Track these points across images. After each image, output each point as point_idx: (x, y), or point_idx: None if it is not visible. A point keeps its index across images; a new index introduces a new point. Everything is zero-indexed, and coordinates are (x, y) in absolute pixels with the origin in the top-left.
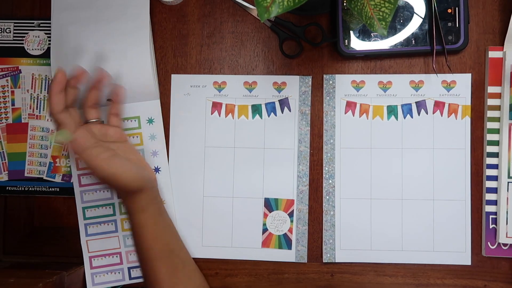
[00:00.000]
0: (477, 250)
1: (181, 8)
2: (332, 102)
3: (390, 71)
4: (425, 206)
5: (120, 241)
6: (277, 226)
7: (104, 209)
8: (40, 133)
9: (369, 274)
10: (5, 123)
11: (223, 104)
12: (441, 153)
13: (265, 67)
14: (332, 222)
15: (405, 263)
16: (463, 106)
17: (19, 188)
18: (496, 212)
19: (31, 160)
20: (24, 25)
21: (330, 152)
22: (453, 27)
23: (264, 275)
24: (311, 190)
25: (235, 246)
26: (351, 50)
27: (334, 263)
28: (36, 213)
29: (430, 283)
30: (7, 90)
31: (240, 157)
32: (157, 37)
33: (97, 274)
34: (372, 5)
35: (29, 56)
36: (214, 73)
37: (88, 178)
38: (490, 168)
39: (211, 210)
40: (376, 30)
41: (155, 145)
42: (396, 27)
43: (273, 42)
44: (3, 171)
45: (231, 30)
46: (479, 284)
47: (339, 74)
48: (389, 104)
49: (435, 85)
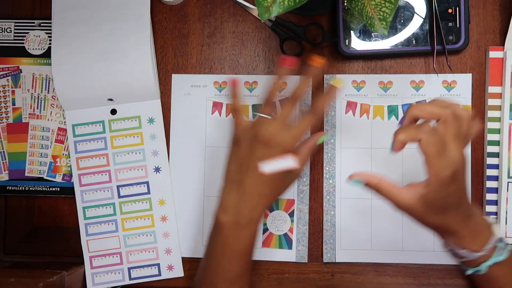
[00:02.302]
0: None
1: (181, 8)
2: (332, 102)
3: (391, 71)
4: None
5: (120, 241)
6: (277, 226)
7: (104, 209)
8: (41, 132)
9: (370, 274)
10: (5, 123)
11: (223, 104)
12: None
13: (265, 67)
14: (332, 222)
15: (405, 263)
16: (463, 106)
17: (20, 188)
18: (496, 212)
19: (31, 159)
20: (24, 25)
21: (330, 152)
22: (453, 27)
23: (265, 275)
24: (312, 190)
25: None
26: (352, 50)
27: (334, 263)
28: (36, 213)
29: (430, 283)
30: (8, 89)
31: None
32: (157, 37)
33: (97, 274)
34: (372, 5)
35: (29, 55)
36: (214, 73)
37: (88, 178)
38: (490, 168)
39: (211, 210)
40: (376, 30)
41: (156, 145)
42: (397, 27)
43: (273, 42)
44: (4, 171)
45: (232, 30)
46: None
47: (339, 74)
48: (390, 104)
49: (435, 85)
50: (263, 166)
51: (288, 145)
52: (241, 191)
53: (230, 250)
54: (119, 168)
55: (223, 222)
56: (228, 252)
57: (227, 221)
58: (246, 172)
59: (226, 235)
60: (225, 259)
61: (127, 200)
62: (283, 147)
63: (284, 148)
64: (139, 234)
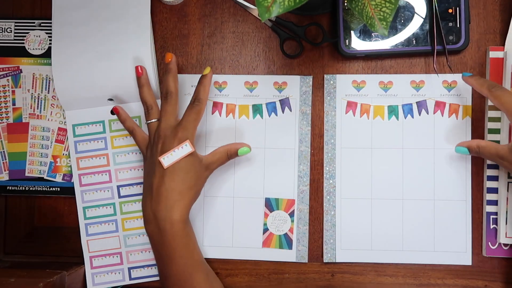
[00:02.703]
0: (477, 250)
1: (182, 8)
2: (333, 102)
3: (391, 71)
4: (425, 206)
5: (120, 241)
6: (277, 226)
7: (104, 209)
8: (41, 132)
9: (370, 274)
10: (5, 123)
11: (223, 104)
12: (441, 153)
13: (265, 67)
14: (332, 222)
15: (405, 263)
16: (463, 106)
17: (20, 188)
18: (496, 212)
19: (31, 159)
20: (25, 25)
21: (330, 152)
22: (454, 27)
23: (265, 275)
24: (312, 190)
25: (236, 246)
26: (352, 50)
27: (334, 263)
28: (36, 213)
29: (430, 283)
30: (8, 89)
31: (240, 157)
32: (158, 37)
33: (98, 274)
34: (373, 5)
35: (30, 55)
36: (214, 73)
37: (88, 178)
38: (490, 168)
39: (211, 210)
40: (377, 30)
41: None
42: (397, 27)
43: (273, 42)
44: (4, 171)
45: (232, 30)
46: (479, 284)
47: (339, 74)
48: (390, 104)
49: (435, 85)
50: (163, 161)
51: (180, 136)
52: (154, 196)
53: (165, 255)
54: (119, 168)
55: (149, 233)
56: (165, 257)
57: (151, 230)
58: (153, 176)
59: (156, 243)
60: (164, 263)
61: (127, 200)
62: (177, 138)
63: (178, 139)
64: (139, 234)
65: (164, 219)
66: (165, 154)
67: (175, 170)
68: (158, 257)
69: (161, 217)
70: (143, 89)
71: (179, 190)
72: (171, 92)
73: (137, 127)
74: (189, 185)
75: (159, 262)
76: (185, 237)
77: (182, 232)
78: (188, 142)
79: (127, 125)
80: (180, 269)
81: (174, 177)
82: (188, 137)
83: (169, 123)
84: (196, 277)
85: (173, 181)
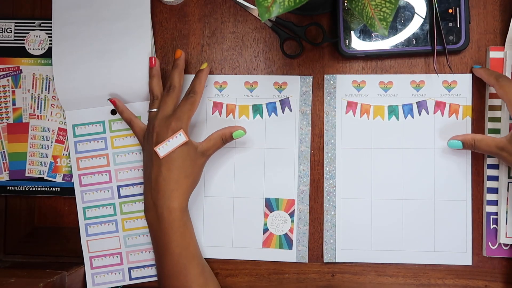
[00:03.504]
0: (477, 250)
1: (182, 8)
2: (333, 102)
3: (391, 71)
4: (425, 206)
5: (120, 241)
6: (277, 226)
7: (104, 209)
8: (41, 133)
9: (370, 274)
10: (6, 123)
11: (224, 104)
12: (442, 153)
13: (266, 67)
14: (333, 222)
15: (405, 263)
16: (464, 106)
17: (20, 188)
18: (496, 212)
19: (31, 160)
20: (25, 25)
21: (331, 152)
22: (454, 27)
23: (265, 275)
24: (312, 190)
25: (236, 246)
26: (352, 50)
27: (334, 263)
28: (36, 213)
29: (431, 283)
30: (8, 90)
31: (241, 157)
32: (158, 37)
33: (98, 274)
34: (373, 5)
35: (30, 56)
36: (215, 73)
37: (88, 178)
38: (490, 168)
39: (211, 210)
40: (377, 30)
41: None
42: (397, 27)
43: (274, 42)
44: (4, 171)
45: (232, 30)
46: (480, 284)
47: (340, 74)
48: (390, 104)
49: (436, 85)
50: (158, 151)
51: (173, 126)
52: (153, 185)
53: (162, 243)
54: (119, 168)
55: (148, 220)
56: (161, 245)
57: (151, 217)
58: (151, 166)
59: (154, 229)
60: (160, 253)
61: (128, 200)
62: (170, 128)
63: (171, 129)
64: (139, 234)
65: (162, 206)
66: (160, 145)
67: (171, 159)
68: (155, 246)
69: (160, 205)
70: (152, 79)
71: (176, 179)
72: (174, 86)
73: (135, 117)
74: (186, 174)
75: (156, 252)
76: (182, 226)
77: (180, 221)
78: (182, 131)
79: (125, 116)
80: (175, 259)
81: (170, 167)
82: (181, 127)
83: (166, 114)
84: (191, 270)
85: (169, 171)
